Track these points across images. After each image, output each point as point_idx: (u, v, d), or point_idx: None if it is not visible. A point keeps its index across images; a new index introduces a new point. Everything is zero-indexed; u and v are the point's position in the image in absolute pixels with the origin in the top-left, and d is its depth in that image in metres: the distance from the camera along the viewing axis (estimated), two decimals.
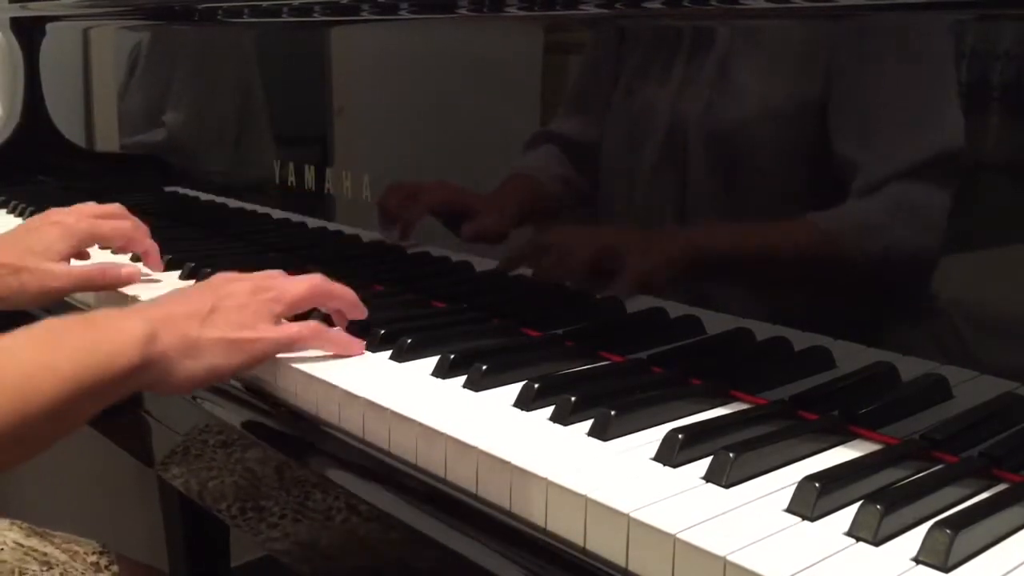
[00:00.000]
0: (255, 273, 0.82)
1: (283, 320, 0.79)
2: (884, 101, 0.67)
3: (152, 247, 1.05)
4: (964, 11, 0.63)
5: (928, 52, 0.64)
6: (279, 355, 0.78)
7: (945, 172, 0.64)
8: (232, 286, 0.78)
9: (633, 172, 0.81)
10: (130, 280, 0.98)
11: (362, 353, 0.81)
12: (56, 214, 1.02)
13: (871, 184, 0.67)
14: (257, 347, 0.75)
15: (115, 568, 0.94)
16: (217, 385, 0.82)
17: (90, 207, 1.04)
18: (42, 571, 0.88)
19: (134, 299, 0.98)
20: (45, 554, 0.90)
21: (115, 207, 1.05)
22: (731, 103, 0.74)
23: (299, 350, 0.79)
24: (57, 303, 1.02)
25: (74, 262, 1.01)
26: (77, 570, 0.90)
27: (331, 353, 0.80)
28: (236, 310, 0.75)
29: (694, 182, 0.77)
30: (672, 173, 0.78)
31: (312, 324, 0.79)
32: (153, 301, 0.78)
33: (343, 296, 0.82)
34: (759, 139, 0.73)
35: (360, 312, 0.84)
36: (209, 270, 1.04)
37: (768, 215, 0.74)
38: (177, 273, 1.08)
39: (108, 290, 0.99)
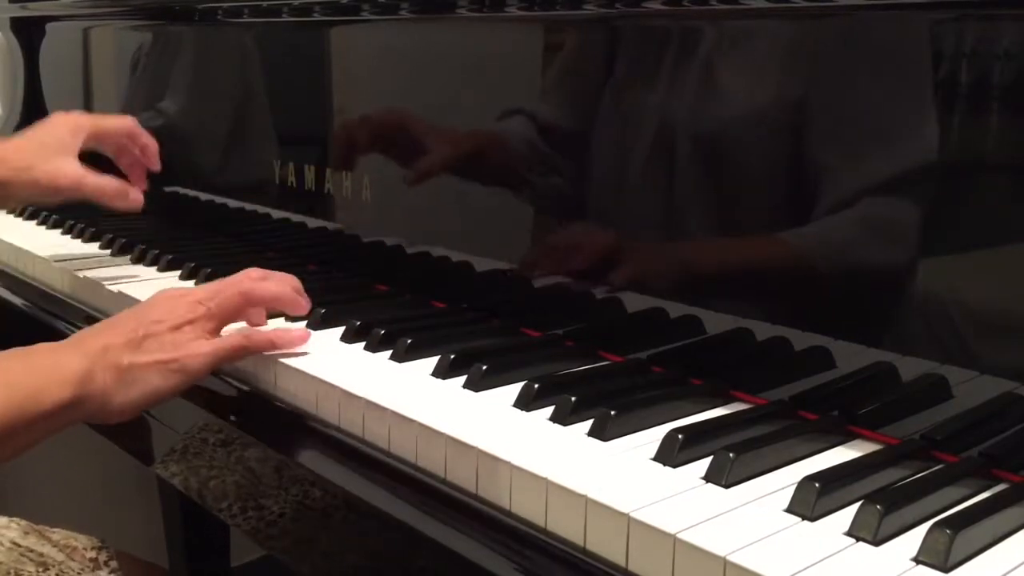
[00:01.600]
0: (197, 288, 0.82)
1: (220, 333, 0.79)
2: (883, 101, 0.67)
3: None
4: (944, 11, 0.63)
5: (922, 53, 0.64)
6: (278, 355, 0.78)
7: (945, 172, 0.64)
8: (164, 306, 0.78)
9: (631, 171, 0.81)
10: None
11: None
12: (63, 114, 1.10)
13: (870, 184, 0.67)
14: (190, 366, 0.75)
15: (114, 564, 0.94)
16: (216, 385, 0.82)
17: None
18: (38, 572, 0.87)
19: (119, 295, 0.99)
20: (42, 554, 0.90)
21: None
22: (733, 104, 0.74)
23: (241, 359, 0.79)
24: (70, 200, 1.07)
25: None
26: (74, 570, 0.90)
27: (287, 349, 0.79)
28: (168, 332, 0.75)
29: (692, 180, 0.77)
30: (668, 173, 0.78)
31: (238, 334, 0.78)
32: (92, 329, 0.78)
33: (276, 295, 0.82)
34: (758, 139, 0.73)
35: (300, 307, 0.84)
36: (209, 270, 1.04)
37: (766, 213, 0.74)
38: (177, 273, 1.08)
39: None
